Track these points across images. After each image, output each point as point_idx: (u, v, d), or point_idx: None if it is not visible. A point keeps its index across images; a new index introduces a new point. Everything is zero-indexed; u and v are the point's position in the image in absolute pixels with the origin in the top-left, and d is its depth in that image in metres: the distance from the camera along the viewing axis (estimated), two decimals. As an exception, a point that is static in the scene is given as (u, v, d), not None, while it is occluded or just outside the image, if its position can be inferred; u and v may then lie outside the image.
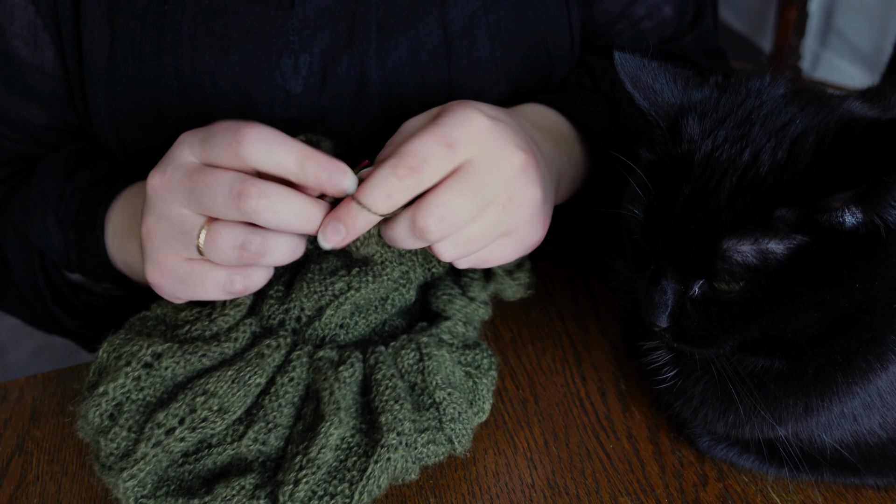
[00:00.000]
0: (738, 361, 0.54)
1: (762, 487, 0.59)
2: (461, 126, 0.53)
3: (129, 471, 0.52)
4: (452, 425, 0.58)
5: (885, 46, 2.46)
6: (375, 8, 0.71)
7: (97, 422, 0.53)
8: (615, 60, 0.55)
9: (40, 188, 0.73)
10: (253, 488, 0.54)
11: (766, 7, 2.93)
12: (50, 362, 2.02)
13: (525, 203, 0.56)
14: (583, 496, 0.59)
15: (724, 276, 0.48)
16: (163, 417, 0.53)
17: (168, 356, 0.54)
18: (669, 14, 0.84)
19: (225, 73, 0.70)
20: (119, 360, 0.55)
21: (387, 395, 0.56)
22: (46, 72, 0.75)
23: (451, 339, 0.62)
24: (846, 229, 0.46)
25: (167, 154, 0.53)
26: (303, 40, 0.71)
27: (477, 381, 0.61)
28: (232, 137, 0.50)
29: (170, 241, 0.53)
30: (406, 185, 0.51)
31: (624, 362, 0.70)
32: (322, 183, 0.50)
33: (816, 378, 0.52)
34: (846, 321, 0.48)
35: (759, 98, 0.51)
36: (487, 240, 0.55)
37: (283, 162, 0.50)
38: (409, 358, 0.59)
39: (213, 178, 0.50)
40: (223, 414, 0.53)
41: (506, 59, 0.75)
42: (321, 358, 0.58)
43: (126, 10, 0.70)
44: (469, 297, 0.62)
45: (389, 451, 0.54)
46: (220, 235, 0.51)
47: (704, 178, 0.49)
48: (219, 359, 0.56)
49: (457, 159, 0.53)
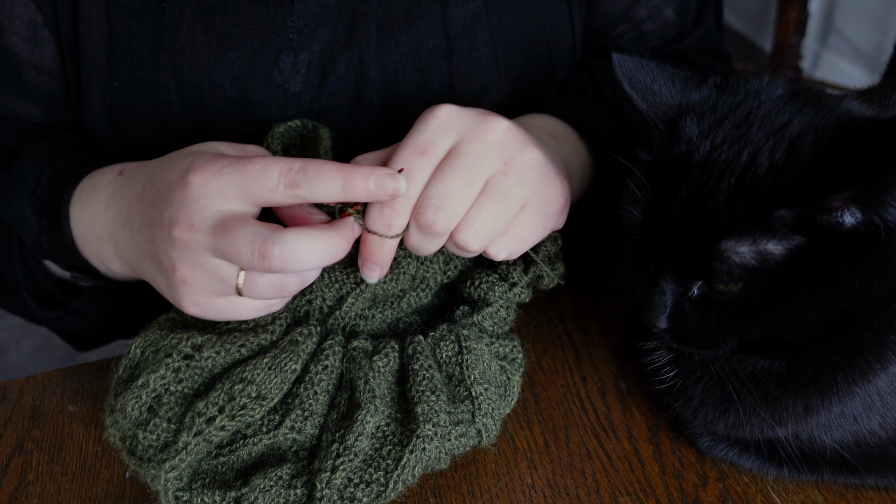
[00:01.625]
0: (738, 362, 0.54)
1: (762, 487, 0.59)
2: (427, 126, 0.54)
3: (171, 461, 0.52)
4: (484, 420, 0.58)
5: (885, 46, 2.46)
6: (376, 6, 0.71)
7: (135, 414, 0.53)
8: (613, 62, 0.55)
9: (21, 170, 0.72)
10: (289, 478, 0.54)
11: (766, 7, 2.93)
12: (50, 362, 2.02)
13: (526, 165, 0.56)
14: (583, 496, 0.59)
15: (723, 277, 0.48)
16: (203, 406, 0.53)
17: (208, 347, 0.55)
18: (671, 16, 0.84)
19: (223, 71, 0.70)
20: (158, 353, 0.55)
21: (423, 386, 0.56)
22: (45, 69, 0.75)
23: (493, 326, 0.62)
24: (845, 229, 0.46)
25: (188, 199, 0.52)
26: (302, 38, 0.71)
27: (511, 376, 0.61)
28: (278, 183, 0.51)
29: (209, 286, 0.53)
30: (401, 208, 0.52)
31: (624, 362, 0.70)
32: (371, 196, 0.51)
33: (816, 378, 0.52)
34: (846, 321, 0.48)
35: (758, 98, 0.51)
36: (505, 217, 0.55)
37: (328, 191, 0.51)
38: (448, 350, 0.59)
39: (235, 237, 0.50)
40: (261, 401, 0.53)
41: (507, 59, 0.75)
42: (356, 348, 0.58)
43: (124, 6, 0.70)
44: (510, 282, 0.62)
45: (425, 441, 0.55)
46: (259, 283, 0.52)
47: (703, 179, 0.49)
48: (256, 349, 0.56)
49: (436, 157, 0.53)
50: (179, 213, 0.52)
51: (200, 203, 0.51)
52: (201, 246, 0.52)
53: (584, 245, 0.69)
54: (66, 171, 0.71)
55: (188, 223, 0.51)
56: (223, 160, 0.52)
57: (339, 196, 0.51)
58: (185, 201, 0.52)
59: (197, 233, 0.51)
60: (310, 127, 0.63)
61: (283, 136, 0.63)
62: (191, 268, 0.53)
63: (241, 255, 0.50)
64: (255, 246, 0.49)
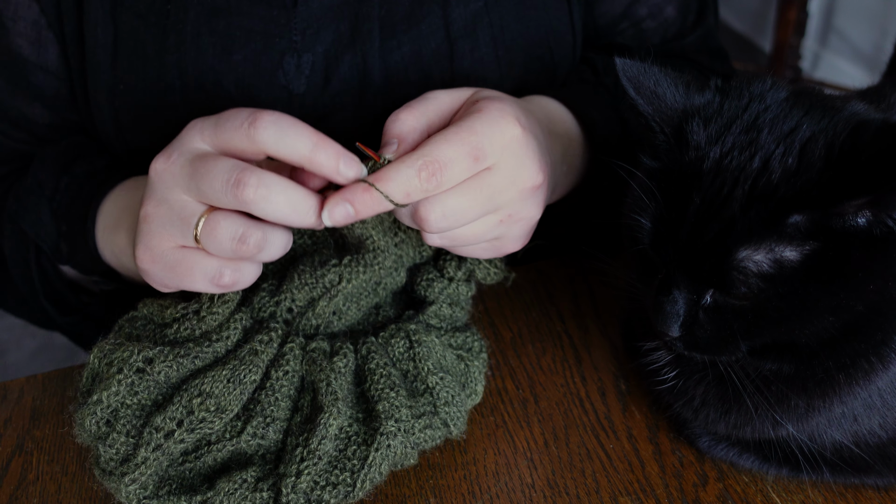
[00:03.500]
0: (745, 364, 0.53)
1: (762, 487, 0.59)
2: (493, 137, 0.53)
3: (131, 475, 0.52)
4: (447, 409, 0.58)
5: (885, 46, 2.46)
6: (378, 7, 0.71)
7: (94, 429, 0.53)
8: (617, 66, 0.55)
9: (36, 178, 0.73)
10: (255, 481, 0.54)
11: (766, 7, 2.93)
12: (50, 362, 2.02)
13: (521, 222, 0.57)
14: (583, 496, 0.59)
15: (741, 287, 0.48)
16: (160, 421, 0.53)
17: (160, 360, 0.54)
18: (672, 14, 0.84)
19: (228, 73, 0.70)
20: (111, 367, 0.55)
21: (382, 384, 0.57)
22: (50, 70, 0.75)
23: (440, 323, 0.63)
24: (858, 231, 0.46)
25: (175, 139, 0.53)
26: (306, 40, 0.71)
27: (469, 363, 0.62)
28: (245, 120, 0.50)
29: (167, 226, 0.53)
30: (425, 189, 0.51)
31: (624, 362, 0.70)
32: (334, 169, 0.51)
33: (819, 379, 0.52)
34: (860, 323, 0.48)
35: (763, 102, 0.51)
36: (473, 242, 0.57)
37: (297, 146, 0.50)
38: (400, 346, 0.59)
39: (214, 165, 0.50)
40: (220, 413, 0.53)
41: (508, 59, 0.75)
42: (314, 349, 0.58)
43: (129, 8, 0.70)
44: (447, 278, 0.63)
45: (389, 437, 0.55)
46: (220, 225, 0.51)
47: (715, 187, 0.48)
48: (211, 358, 0.56)
49: (479, 169, 0.53)
50: (164, 151, 0.53)
51: (182, 140, 0.53)
52: (174, 177, 0.52)
53: (580, 249, 0.70)
54: (84, 176, 0.72)
55: (167, 155, 0.52)
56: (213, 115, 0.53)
57: (304, 155, 0.50)
58: (173, 142, 0.53)
59: (174, 164, 0.52)
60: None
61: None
62: (156, 203, 0.53)
63: (216, 181, 0.49)
64: (234, 174, 0.49)
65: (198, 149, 0.52)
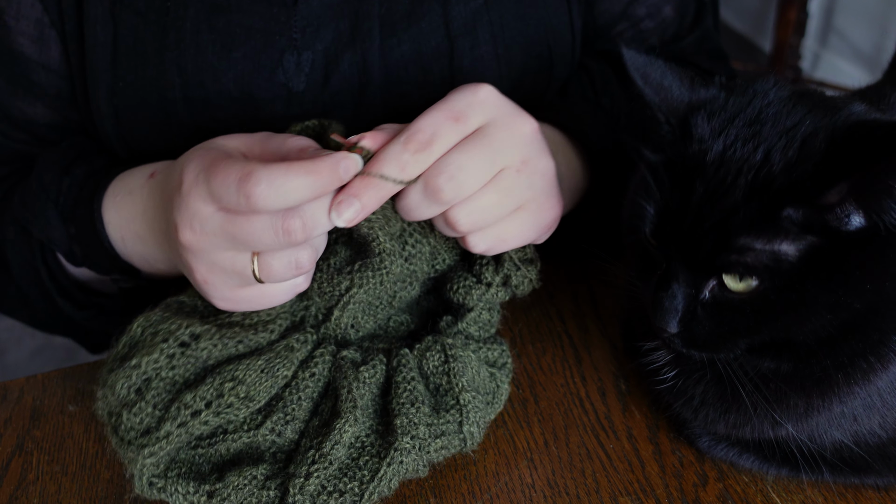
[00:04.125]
0: (743, 362, 0.53)
1: (762, 487, 0.59)
2: (466, 98, 0.54)
3: (150, 448, 0.52)
4: (470, 428, 0.58)
5: (886, 46, 2.46)
6: (378, 5, 0.72)
7: (123, 393, 0.53)
8: (623, 56, 0.54)
9: (41, 181, 0.73)
10: (264, 479, 0.54)
11: (766, 7, 2.93)
12: (50, 362, 2.02)
13: (539, 171, 0.56)
14: (583, 496, 0.59)
15: (739, 268, 0.48)
16: (190, 399, 0.53)
17: (206, 338, 0.55)
18: (670, 14, 0.84)
19: (228, 71, 0.70)
20: (156, 336, 0.55)
21: (404, 398, 0.56)
22: (52, 69, 0.75)
23: (478, 331, 0.62)
24: (853, 231, 0.46)
25: (182, 205, 0.52)
26: (305, 38, 0.71)
27: (500, 383, 0.62)
28: (237, 193, 0.49)
29: (228, 282, 0.54)
30: (418, 160, 0.52)
31: (624, 362, 0.70)
32: (339, 181, 0.51)
33: (818, 378, 0.52)
34: (857, 322, 0.48)
35: (766, 98, 0.52)
36: (503, 210, 0.55)
37: (297, 195, 0.50)
38: (435, 360, 0.59)
39: (253, 225, 0.50)
40: (248, 402, 0.54)
41: (508, 58, 0.75)
42: (343, 357, 0.58)
43: (129, 6, 0.70)
44: (485, 284, 0.62)
45: (402, 454, 0.55)
46: (273, 266, 0.52)
47: (719, 177, 0.49)
48: (253, 347, 0.56)
49: (466, 129, 0.53)
50: (179, 217, 0.53)
51: (192, 208, 0.52)
52: (213, 244, 0.52)
53: (581, 249, 0.70)
54: (84, 177, 0.72)
55: (189, 227, 0.52)
56: (204, 161, 0.52)
57: (308, 197, 0.50)
58: (182, 212, 0.53)
59: (204, 234, 0.52)
60: (325, 125, 0.62)
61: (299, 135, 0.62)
62: (208, 268, 0.54)
63: (265, 237, 0.50)
64: (278, 225, 0.50)
65: (214, 213, 0.52)
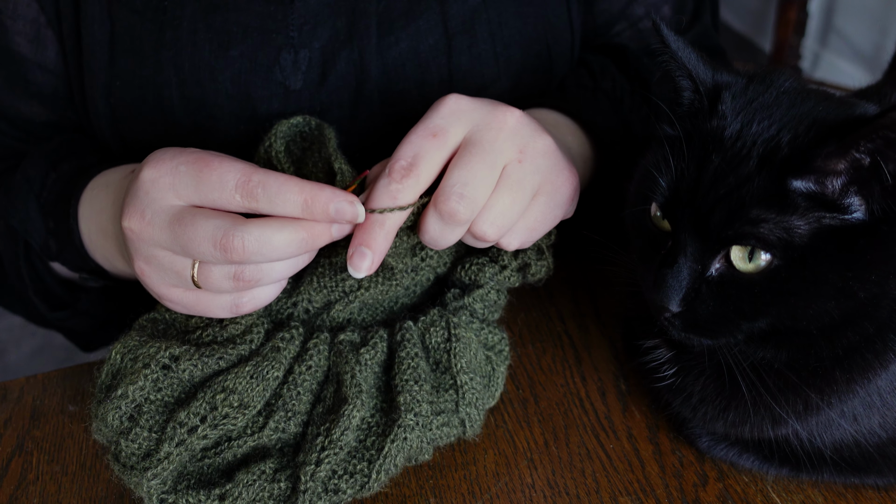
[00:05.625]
0: (741, 352, 0.53)
1: (762, 487, 0.59)
2: (437, 112, 0.53)
3: (153, 470, 0.52)
4: (468, 409, 0.58)
5: (886, 46, 2.46)
6: (376, 3, 0.71)
7: (116, 424, 0.53)
8: (660, 28, 0.54)
9: (25, 174, 0.72)
10: (273, 472, 0.54)
11: (766, 7, 2.93)
12: (50, 362, 2.02)
13: (539, 152, 0.55)
14: (583, 496, 0.59)
15: (752, 239, 0.48)
16: (184, 416, 0.53)
17: (185, 359, 0.54)
18: (668, 13, 0.84)
19: (224, 69, 0.70)
20: (136, 363, 0.55)
21: (408, 375, 0.56)
22: (48, 69, 0.75)
23: (483, 309, 0.62)
24: (857, 216, 0.47)
25: (139, 192, 0.51)
26: (302, 36, 0.71)
27: (496, 367, 0.62)
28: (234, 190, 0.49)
29: (165, 279, 0.53)
30: (408, 185, 0.51)
31: (624, 362, 0.70)
32: (332, 219, 0.50)
33: (817, 374, 0.52)
34: (858, 313, 0.49)
35: (783, 87, 0.53)
36: (520, 206, 0.54)
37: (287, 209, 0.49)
38: (438, 336, 0.59)
39: (195, 231, 0.49)
40: (244, 409, 0.54)
41: (506, 56, 0.75)
42: (342, 341, 0.58)
43: (126, 5, 0.70)
44: (500, 265, 0.61)
45: (406, 430, 0.55)
46: (212, 273, 0.51)
47: (735, 150, 0.49)
48: (235, 360, 0.56)
49: (449, 144, 0.53)
50: (130, 204, 0.52)
51: (152, 196, 0.51)
52: (153, 238, 0.51)
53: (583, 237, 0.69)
54: (71, 174, 0.72)
55: (139, 213, 0.51)
56: (183, 156, 0.51)
57: (298, 214, 0.50)
58: (137, 193, 0.52)
59: (150, 225, 0.51)
60: (313, 125, 0.62)
61: (285, 133, 0.62)
62: (145, 260, 0.53)
63: (202, 247, 0.49)
64: (218, 239, 0.49)
65: (172, 207, 0.51)
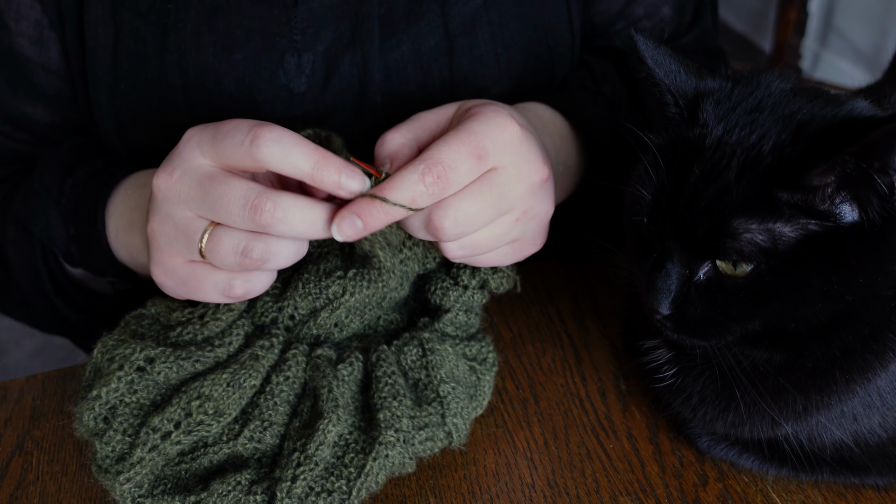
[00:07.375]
0: (738, 353, 0.53)
1: (762, 487, 0.59)
2: (492, 135, 0.53)
3: (126, 474, 0.52)
4: (454, 420, 0.58)
5: (886, 46, 2.46)
6: (378, 6, 0.72)
7: (91, 425, 0.53)
8: (635, 40, 0.54)
9: (43, 181, 0.73)
10: (249, 484, 0.54)
11: (766, 7, 2.93)
12: (50, 362, 2.02)
13: (536, 219, 0.57)
14: (583, 496, 0.59)
15: (733, 254, 0.48)
16: (158, 422, 0.53)
17: (161, 361, 0.54)
18: (668, 14, 0.84)
19: (228, 72, 0.71)
20: (112, 363, 0.55)
21: (386, 392, 0.56)
22: (52, 70, 0.75)
23: (455, 331, 0.62)
24: (846, 221, 0.47)
25: (174, 153, 0.53)
26: (306, 39, 0.71)
27: (481, 376, 0.62)
28: (245, 136, 0.49)
29: (173, 243, 0.53)
30: (431, 193, 0.51)
31: (624, 362, 0.70)
32: (337, 186, 0.50)
33: (815, 374, 0.52)
34: (849, 315, 0.49)
35: (769, 89, 0.52)
36: (493, 247, 0.56)
37: (298, 164, 0.50)
38: (413, 354, 0.59)
39: (228, 189, 0.50)
40: (218, 416, 0.53)
41: (507, 57, 0.75)
42: (319, 356, 0.58)
43: (130, 8, 0.70)
44: (462, 286, 0.62)
45: (387, 448, 0.55)
46: (222, 240, 0.51)
47: (715, 159, 0.49)
48: (212, 363, 0.56)
49: (484, 169, 0.53)
50: (164, 164, 0.52)
51: (182, 155, 0.52)
52: (179, 195, 0.51)
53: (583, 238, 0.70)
54: (87, 178, 0.72)
55: (169, 172, 0.52)
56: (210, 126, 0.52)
57: (306, 172, 0.50)
58: (171, 155, 0.52)
59: (179, 182, 0.51)
60: (322, 136, 0.62)
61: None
62: (161, 220, 0.53)
63: (232, 205, 0.49)
64: (250, 199, 0.49)
65: (201, 166, 0.51)
